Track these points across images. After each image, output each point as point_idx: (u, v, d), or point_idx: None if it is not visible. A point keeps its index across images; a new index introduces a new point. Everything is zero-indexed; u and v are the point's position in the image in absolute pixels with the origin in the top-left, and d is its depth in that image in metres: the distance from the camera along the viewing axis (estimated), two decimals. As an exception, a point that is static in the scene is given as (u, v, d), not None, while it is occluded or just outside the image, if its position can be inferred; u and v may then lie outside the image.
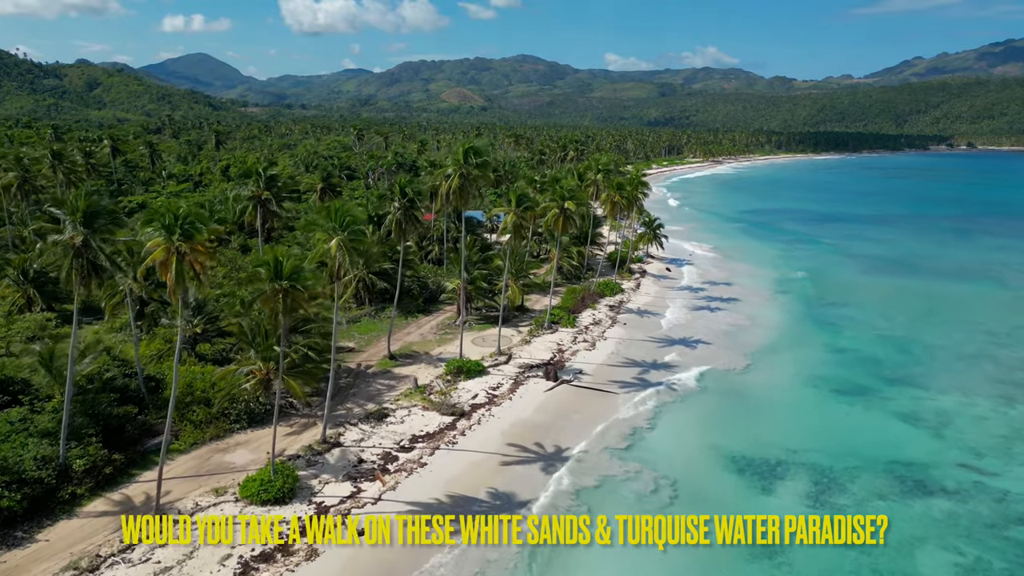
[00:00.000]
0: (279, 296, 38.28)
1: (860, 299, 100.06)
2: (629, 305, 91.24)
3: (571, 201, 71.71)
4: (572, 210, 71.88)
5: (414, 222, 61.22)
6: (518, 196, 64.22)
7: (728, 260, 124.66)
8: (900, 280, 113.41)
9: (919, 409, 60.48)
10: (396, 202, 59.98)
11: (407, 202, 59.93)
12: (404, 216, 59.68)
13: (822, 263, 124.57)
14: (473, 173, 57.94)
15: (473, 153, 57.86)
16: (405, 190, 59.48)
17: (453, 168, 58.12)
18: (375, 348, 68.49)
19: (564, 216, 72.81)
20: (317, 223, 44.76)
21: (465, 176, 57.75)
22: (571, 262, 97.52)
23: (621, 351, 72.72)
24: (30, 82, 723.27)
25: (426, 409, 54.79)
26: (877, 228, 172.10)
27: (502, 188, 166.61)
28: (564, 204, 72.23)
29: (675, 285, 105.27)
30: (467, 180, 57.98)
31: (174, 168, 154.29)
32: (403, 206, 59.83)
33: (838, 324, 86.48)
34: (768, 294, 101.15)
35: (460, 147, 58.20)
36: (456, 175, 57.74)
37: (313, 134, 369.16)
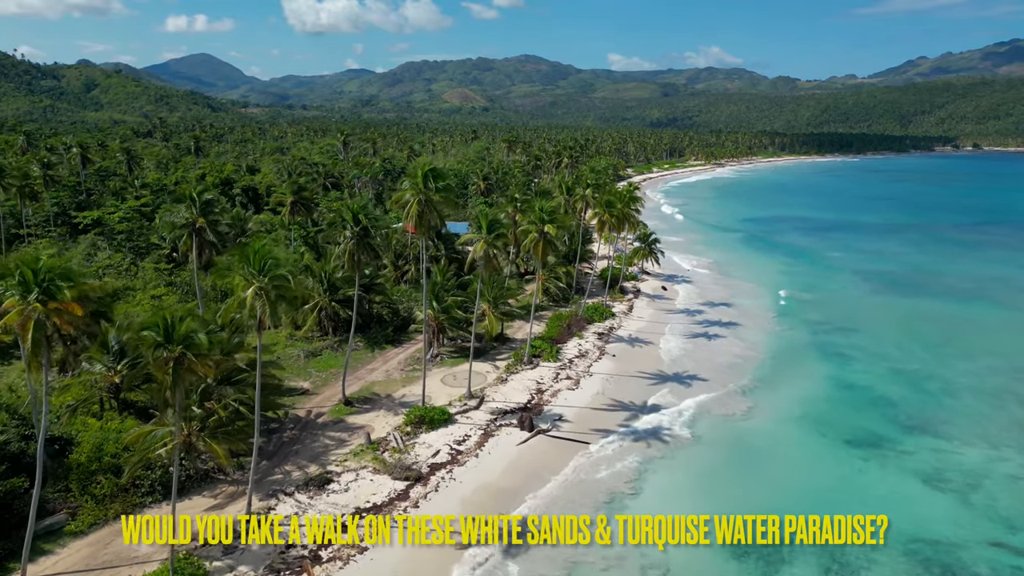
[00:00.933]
0: (170, 365, 31.21)
1: (869, 323, 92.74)
2: (620, 332, 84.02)
3: (551, 225, 64.58)
4: (552, 235, 64.71)
5: (369, 252, 54.04)
6: (489, 222, 57.09)
7: (727, 277, 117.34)
8: (911, 301, 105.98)
9: (942, 466, 53.25)
10: (348, 230, 52.84)
11: (360, 231, 52.77)
12: (358, 246, 52.54)
13: (828, 280, 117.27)
14: (434, 199, 50.79)
15: (433, 176, 50.72)
16: (358, 216, 52.36)
17: (411, 193, 51.02)
18: (332, 389, 61.45)
19: (544, 240, 65.70)
20: (232, 268, 37.65)
21: (424, 202, 50.61)
22: (558, 283, 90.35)
23: (608, 390, 65.57)
24: (27, 83, 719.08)
25: (377, 472, 47.69)
26: (884, 239, 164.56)
27: (492, 197, 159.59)
28: (544, 228, 65.11)
29: (671, 307, 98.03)
30: (427, 206, 50.85)
31: (148, 177, 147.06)
32: (356, 235, 52.69)
33: (846, 354, 79.21)
34: (770, 317, 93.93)
35: (419, 169, 51.14)
36: (414, 201, 50.64)
37: (308, 137, 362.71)
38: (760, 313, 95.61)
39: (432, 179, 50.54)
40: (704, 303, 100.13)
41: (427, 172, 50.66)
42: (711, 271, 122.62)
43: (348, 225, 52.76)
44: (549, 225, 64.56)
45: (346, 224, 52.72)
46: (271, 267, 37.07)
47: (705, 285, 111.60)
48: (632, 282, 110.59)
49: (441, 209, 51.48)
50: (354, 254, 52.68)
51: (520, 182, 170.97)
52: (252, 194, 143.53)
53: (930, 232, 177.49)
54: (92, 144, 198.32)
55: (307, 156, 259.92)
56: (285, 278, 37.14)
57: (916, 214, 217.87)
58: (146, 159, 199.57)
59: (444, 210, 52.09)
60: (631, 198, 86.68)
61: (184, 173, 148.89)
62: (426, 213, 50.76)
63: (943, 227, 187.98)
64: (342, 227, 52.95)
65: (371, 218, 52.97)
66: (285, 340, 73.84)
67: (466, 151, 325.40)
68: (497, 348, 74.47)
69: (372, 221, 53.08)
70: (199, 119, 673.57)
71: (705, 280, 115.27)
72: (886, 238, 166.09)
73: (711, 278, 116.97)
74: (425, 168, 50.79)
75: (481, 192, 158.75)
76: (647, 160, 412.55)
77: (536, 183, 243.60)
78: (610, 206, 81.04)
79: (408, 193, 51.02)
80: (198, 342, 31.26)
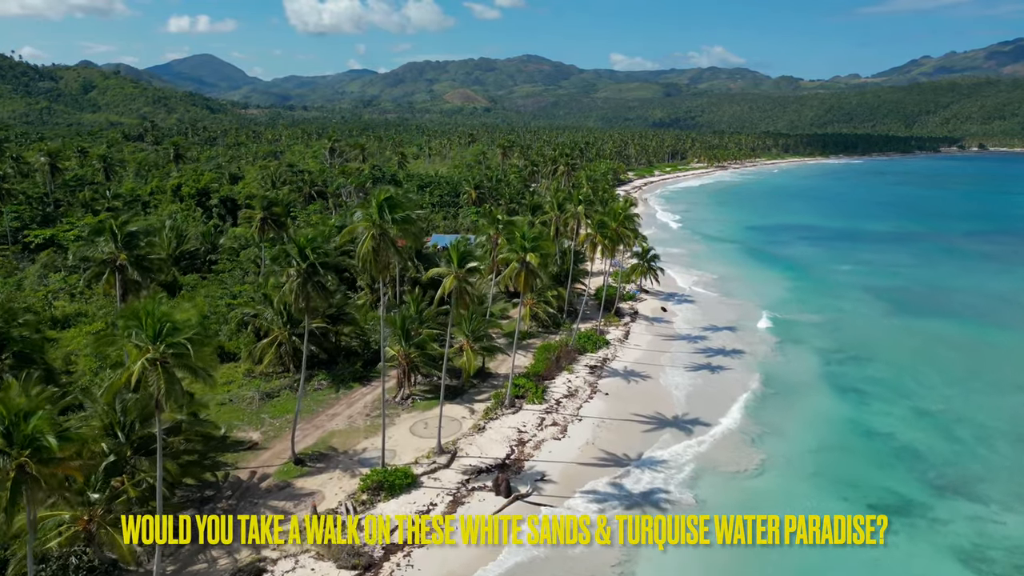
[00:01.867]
0: (9, 476, 23.94)
1: (884, 351, 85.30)
2: (615, 364, 76.66)
3: (534, 254, 57.25)
4: (535, 265, 57.36)
5: (320, 292, 46.68)
6: (460, 254, 49.77)
7: (731, 296, 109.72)
8: (927, 323, 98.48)
9: (982, 541, 45.92)
10: (293, 267, 45.49)
11: (308, 267, 45.43)
12: (303, 287, 45.17)
13: (837, 299, 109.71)
14: (391, 232, 43.50)
15: (390, 206, 43.41)
16: (305, 251, 45.05)
17: (364, 226, 43.71)
18: (285, 441, 54.15)
19: (526, 271, 58.38)
20: (119, 333, 30.31)
21: (380, 237, 43.30)
22: (548, 309, 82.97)
23: (599, 439, 58.25)
24: (25, 85, 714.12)
25: (320, 558, 40.42)
26: (894, 250, 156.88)
27: (485, 207, 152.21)
28: (526, 257, 57.80)
29: (671, 332, 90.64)
30: (383, 241, 43.54)
31: (123, 187, 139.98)
32: (303, 273, 45.34)
33: (862, 390, 71.80)
34: (778, 343, 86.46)
35: (375, 197, 43.88)
36: (368, 236, 43.33)
37: (303, 140, 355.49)
38: (767, 339, 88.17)
39: (389, 209, 43.23)
40: (706, 327, 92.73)
41: (383, 201, 43.36)
42: (714, 289, 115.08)
43: (294, 261, 45.41)
44: (531, 254, 57.23)
45: (291, 260, 45.36)
46: (168, 332, 29.81)
47: (707, 305, 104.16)
48: (629, 302, 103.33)
49: (402, 243, 44.03)
50: (301, 296, 45.32)
51: (515, 190, 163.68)
52: (230, 205, 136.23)
53: (941, 242, 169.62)
54: (69, 151, 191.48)
55: (300, 160, 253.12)
56: (185, 345, 29.83)
57: (925, 221, 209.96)
58: (130, 165, 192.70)
59: (410, 243, 44.72)
60: (626, 216, 79.30)
61: (160, 182, 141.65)
62: (382, 250, 43.44)
63: (954, 236, 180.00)
64: (286, 263, 45.57)
65: (321, 253, 45.56)
66: (242, 378, 66.73)
67: (464, 155, 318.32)
68: (477, 386, 67.18)
69: (322, 256, 45.69)
70: (196, 121, 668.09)
71: (707, 300, 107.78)
72: (895, 249, 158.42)
73: (714, 297, 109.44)
74: (381, 196, 43.49)
75: (473, 201, 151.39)
76: (648, 163, 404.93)
77: (533, 188, 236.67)
78: (603, 227, 73.75)
79: (361, 226, 43.73)
80: (47, 445, 23.97)
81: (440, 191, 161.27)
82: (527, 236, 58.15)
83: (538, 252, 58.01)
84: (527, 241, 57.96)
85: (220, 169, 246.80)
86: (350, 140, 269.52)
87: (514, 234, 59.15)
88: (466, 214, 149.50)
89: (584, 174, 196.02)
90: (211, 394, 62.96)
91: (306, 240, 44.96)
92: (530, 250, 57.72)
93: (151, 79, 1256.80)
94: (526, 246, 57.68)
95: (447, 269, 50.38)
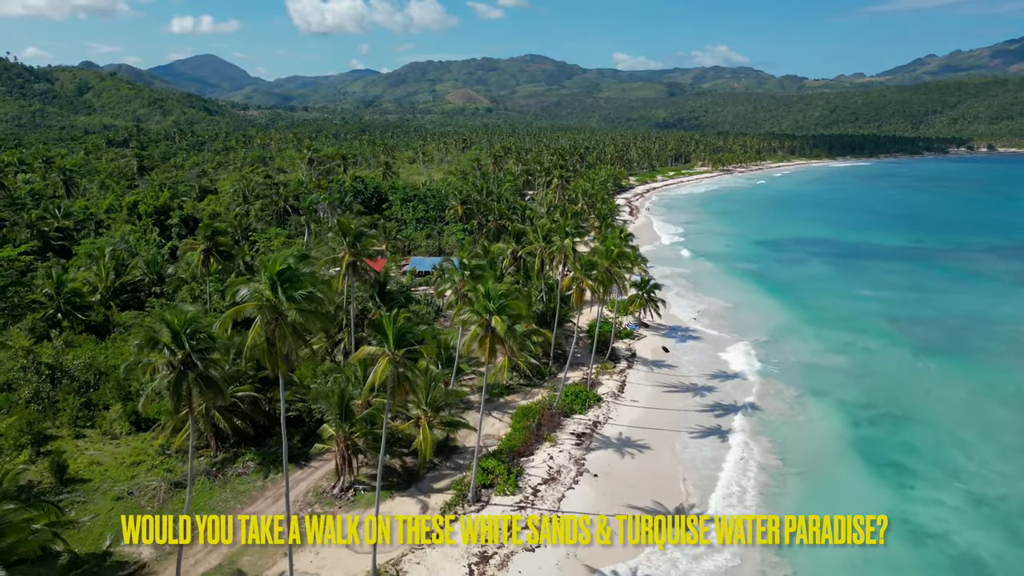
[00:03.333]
0: None
1: (923, 407, 73.42)
2: (607, 429, 64.95)
3: (500, 317, 45.45)
4: (501, 331, 45.55)
5: (207, 387, 34.92)
6: (398, 331, 38.03)
7: (742, 333, 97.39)
8: (968, 367, 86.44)
9: None
10: (171, 356, 33.69)
11: (184, 359, 33.67)
12: (177, 385, 33.42)
13: (862, 335, 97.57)
14: (289, 314, 31.88)
15: (289, 280, 31.79)
16: (180, 337, 33.30)
17: (254, 307, 32.08)
18: (187, 559, 42.47)
19: (492, 337, 46.65)
20: None
21: (275, 321, 31.65)
22: (529, 359, 71.11)
23: (582, 550, 46.48)
24: (20, 87, 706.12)
25: None
26: (918, 270, 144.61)
27: (472, 224, 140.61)
28: (490, 321, 46.05)
29: (674, 381, 78.81)
30: (280, 327, 31.90)
31: (74, 205, 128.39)
32: (179, 366, 33.61)
33: (902, 466, 60.06)
34: (798, 397, 74.68)
35: (268, 266, 32.35)
36: (261, 324, 31.72)
37: (294, 144, 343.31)
38: (785, 391, 76.37)
39: (285, 285, 31.56)
40: (714, 374, 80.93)
41: (278, 274, 31.71)
42: (721, 322, 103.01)
43: (167, 349, 33.66)
44: (497, 318, 45.45)
45: (161, 347, 33.62)
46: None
47: (714, 344, 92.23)
48: (627, 340, 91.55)
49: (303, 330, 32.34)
50: (174, 397, 33.57)
51: (507, 205, 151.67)
52: (193, 225, 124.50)
53: (966, 260, 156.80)
54: (35, 161, 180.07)
55: (291, 165, 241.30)
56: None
57: (945, 234, 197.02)
58: (100, 175, 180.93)
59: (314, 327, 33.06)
60: (620, 254, 67.50)
61: (116, 199, 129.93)
62: (279, 339, 31.78)
63: (978, 252, 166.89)
64: (151, 349, 33.75)
65: (201, 339, 33.86)
66: (154, 456, 55.10)
67: (461, 159, 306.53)
68: (438, 466, 55.50)
69: (204, 343, 33.99)
70: (193, 123, 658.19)
71: (715, 337, 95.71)
72: (917, 269, 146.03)
73: (722, 334, 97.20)
74: (276, 267, 31.87)
75: (459, 218, 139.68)
76: (651, 167, 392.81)
77: (530, 196, 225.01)
78: (590, 268, 62.00)
79: (250, 307, 32.07)
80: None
81: (424, 206, 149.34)
82: (492, 295, 46.37)
83: (506, 315, 46.22)
84: (492, 301, 46.21)
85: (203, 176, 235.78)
86: (332, 148, 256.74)
87: (477, 291, 47.39)
88: (452, 231, 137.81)
89: (582, 184, 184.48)
90: (111, 481, 51.92)
91: (183, 322, 33.22)
92: (496, 312, 45.97)
93: (153, 80, 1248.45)
94: (490, 307, 45.93)
95: (379, 349, 38.61)
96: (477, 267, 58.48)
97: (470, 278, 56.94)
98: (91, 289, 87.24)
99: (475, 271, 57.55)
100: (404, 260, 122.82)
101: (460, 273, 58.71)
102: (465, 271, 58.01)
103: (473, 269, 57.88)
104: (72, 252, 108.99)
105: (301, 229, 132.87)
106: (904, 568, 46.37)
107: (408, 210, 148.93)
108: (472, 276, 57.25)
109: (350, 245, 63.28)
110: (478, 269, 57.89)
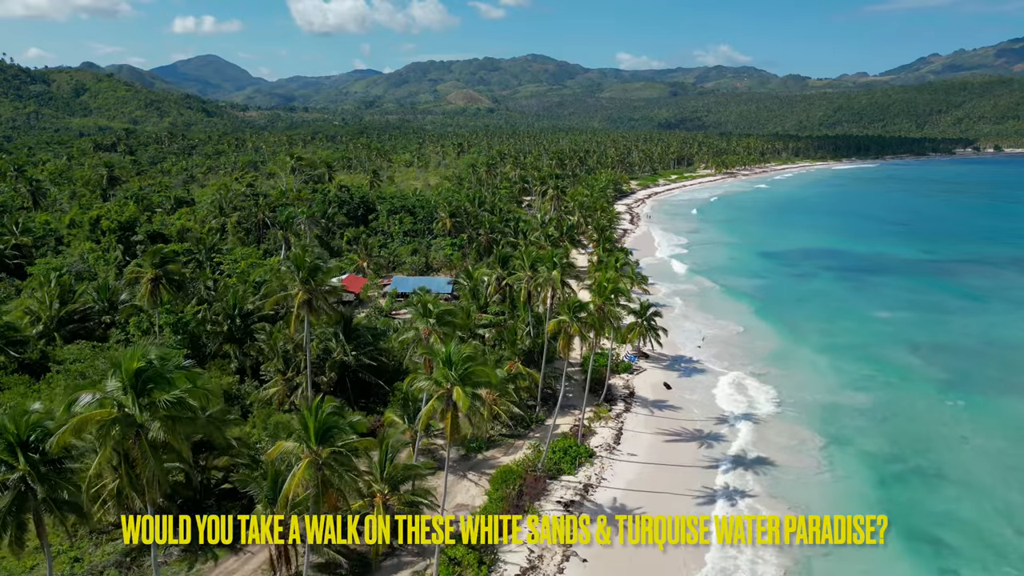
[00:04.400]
0: None
1: (958, 459, 65.01)
2: (599, 495, 56.54)
3: (462, 389, 37.03)
4: (464, 408, 37.13)
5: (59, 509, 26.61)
6: (321, 425, 29.66)
7: (751, 363, 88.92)
8: (1004, 406, 77.89)
9: None
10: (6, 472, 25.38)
11: (22, 479, 25.27)
12: (17, 509, 25.08)
13: (883, 367, 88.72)
14: (153, 431, 23.56)
15: (152, 382, 23.47)
16: (15, 449, 24.93)
17: (100, 419, 23.71)
18: None
19: (454, 412, 38.25)
20: None
21: (136, 438, 23.30)
22: (511, 408, 62.65)
23: (562, 670, 38.14)
24: (16, 88, 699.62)
25: None
26: (935, 287, 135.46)
27: (461, 238, 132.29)
28: (451, 393, 37.65)
29: (677, 427, 70.30)
30: (141, 446, 23.53)
31: (34, 220, 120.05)
32: (17, 486, 25.22)
33: (941, 542, 51.78)
34: (818, 448, 66.14)
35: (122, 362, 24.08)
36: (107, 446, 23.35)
37: (286, 147, 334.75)
38: (800, 436, 68.12)
39: (147, 388, 23.24)
40: (723, 418, 72.52)
41: (135, 374, 23.37)
42: (729, 350, 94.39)
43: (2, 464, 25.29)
44: (459, 389, 37.01)
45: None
46: None
47: (721, 380, 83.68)
48: (624, 375, 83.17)
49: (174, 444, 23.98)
50: (19, 522, 25.22)
51: (499, 217, 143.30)
52: (162, 241, 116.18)
53: (985, 276, 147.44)
54: (7, 170, 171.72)
55: (283, 170, 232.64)
56: None
57: (959, 245, 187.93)
58: (76, 184, 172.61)
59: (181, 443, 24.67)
60: (614, 289, 59.10)
61: (79, 213, 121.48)
62: (140, 460, 23.44)
63: (997, 267, 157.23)
64: None
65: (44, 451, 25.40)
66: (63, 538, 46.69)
67: (458, 163, 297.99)
68: (396, 553, 47.08)
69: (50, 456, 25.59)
70: (190, 124, 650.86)
71: (722, 370, 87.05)
72: (934, 286, 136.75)
73: (731, 367, 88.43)
74: (134, 365, 23.58)
75: (447, 231, 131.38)
76: (653, 170, 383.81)
77: (527, 202, 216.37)
78: (578, 311, 53.60)
79: (96, 420, 23.71)
80: None
81: (412, 218, 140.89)
82: (455, 360, 37.91)
83: (472, 384, 37.77)
84: (455, 368, 37.77)
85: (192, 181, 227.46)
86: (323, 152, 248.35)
87: (436, 355, 38.99)
88: (440, 246, 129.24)
89: (580, 192, 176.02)
90: (19, 570, 43.62)
91: (22, 426, 24.87)
92: (458, 382, 37.53)
93: (155, 80, 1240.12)
94: (450, 376, 37.51)
95: (297, 446, 30.19)
96: (445, 313, 49.96)
97: (436, 326, 48.46)
98: (33, 319, 79.23)
99: (443, 317, 49.07)
100: (386, 279, 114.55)
101: (425, 320, 50.15)
102: (430, 318, 49.48)
103: (440, 315, 49.38)
104: (27, 273, 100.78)
105: (280, 244, 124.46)
106: None
107: (395, 222, 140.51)
108: (440, 322, 48.77)
109: (303, 281, 54.92)
110: (447, 315, 49.41)
